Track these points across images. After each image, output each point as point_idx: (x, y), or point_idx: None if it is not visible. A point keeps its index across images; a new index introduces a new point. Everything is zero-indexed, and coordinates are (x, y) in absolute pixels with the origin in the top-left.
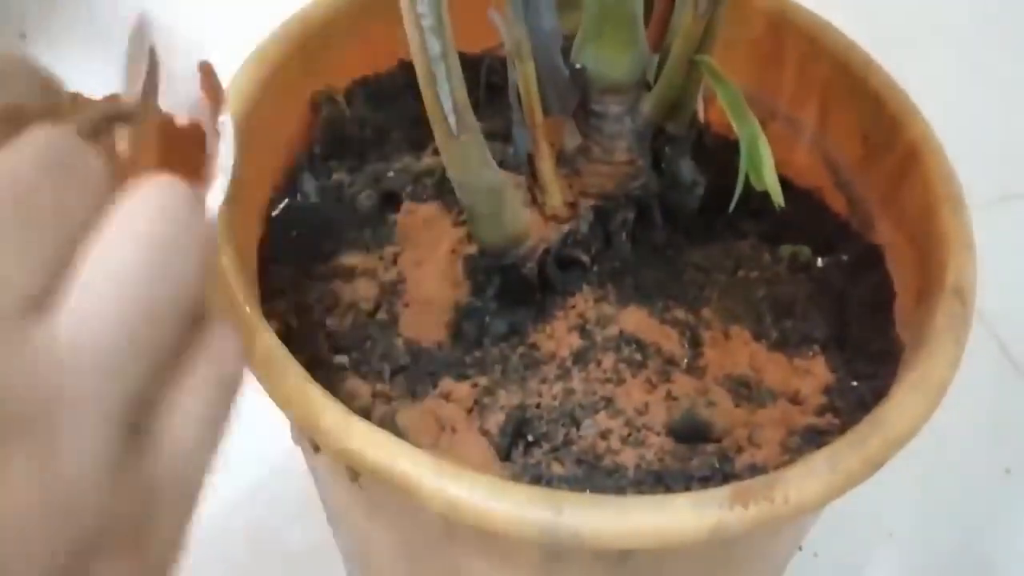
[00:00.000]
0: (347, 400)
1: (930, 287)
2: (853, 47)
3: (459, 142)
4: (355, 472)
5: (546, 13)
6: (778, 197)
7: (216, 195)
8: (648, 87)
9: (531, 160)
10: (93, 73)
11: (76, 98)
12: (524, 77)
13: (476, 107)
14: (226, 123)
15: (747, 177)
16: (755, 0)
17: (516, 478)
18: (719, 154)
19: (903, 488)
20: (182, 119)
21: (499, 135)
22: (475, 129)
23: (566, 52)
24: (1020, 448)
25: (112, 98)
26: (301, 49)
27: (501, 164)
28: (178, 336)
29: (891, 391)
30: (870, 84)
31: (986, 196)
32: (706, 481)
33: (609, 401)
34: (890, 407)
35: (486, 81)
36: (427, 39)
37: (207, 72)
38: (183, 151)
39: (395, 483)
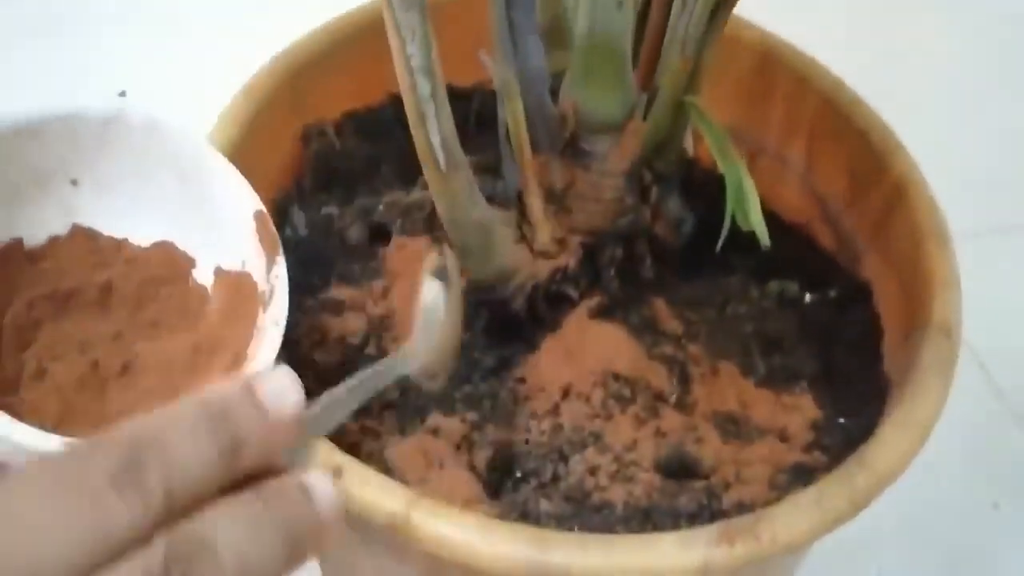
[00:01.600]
0: (335, 436)
1: (916, 323)
2: (840, 84)
3: (448, 180)
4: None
5: (534, 53)
6: (764, 238)
7: (270, 348)
8: None
9: (520, 197)
10: (141, 217)
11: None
12: (512, 116)
13: (466, 140)
14: (281, 276)
15: (734, 215)
16: (744, 38)
17: (504, 515)
18: (708, 189)
19: (892, 522)
20: (236, 267)
21: (489, 168)
22: (464, 166)
23: (555, 91)
24: (1008, 482)
25: (163, 246)
26: (291, 82)
27: (491, 198)
28: None
29: (878, 429)
30: (856, 120)
31: (978, 228)
32: (694, 518)
33: (597, 437)
34: (876, 446)
35: (477, 114)
36: (417, 79)
37: (262, 221)
38: (239, 301)
39: (382, 520)
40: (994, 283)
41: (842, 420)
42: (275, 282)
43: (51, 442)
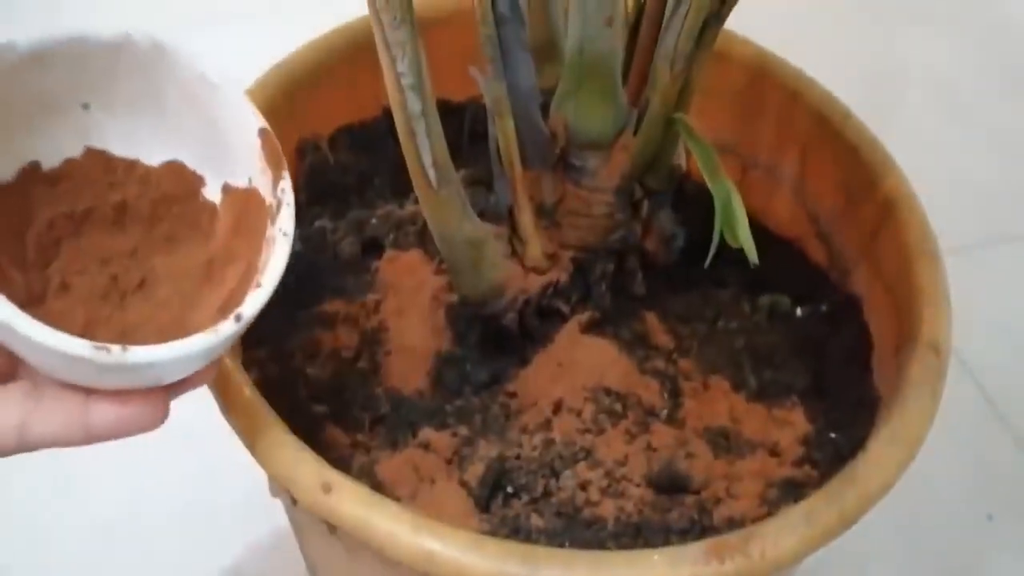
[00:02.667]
0: (325, 450)
1: (906, 339)
2: (832, 99)
3: (439, 196)
4: (333, 525)
5: (524, 70)
6: (752, 255)
7: (280, 259)
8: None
9: (511, 212)
10: (151, 139)
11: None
12: (503, 132)
13: (459, 154)
14: (286, 189)
15: (723, 232)
16: (736, 52)
17: (495, 530)
18: (699, 204)
19: (886, 534)
20: (243, 184)
21: (482, 182)
22: (455, 183)
23: (546, 107)
24: (1002, 494)
25: (173, 165)
26: (286, 96)
27: (483, 212)
28: None
29: (867, 444)
30: (848, 136)
31: (972, 240)
32: (685, 534)
33: (588, 452)
34: (866, 461)
35: (470, 128)
36: (407, 97)
37: (267, 139)
38: (248, 216)
39: (372, 537)
40: (986, 296)
41: (833, 435)
42: (281, 196)
43: (76, 345)
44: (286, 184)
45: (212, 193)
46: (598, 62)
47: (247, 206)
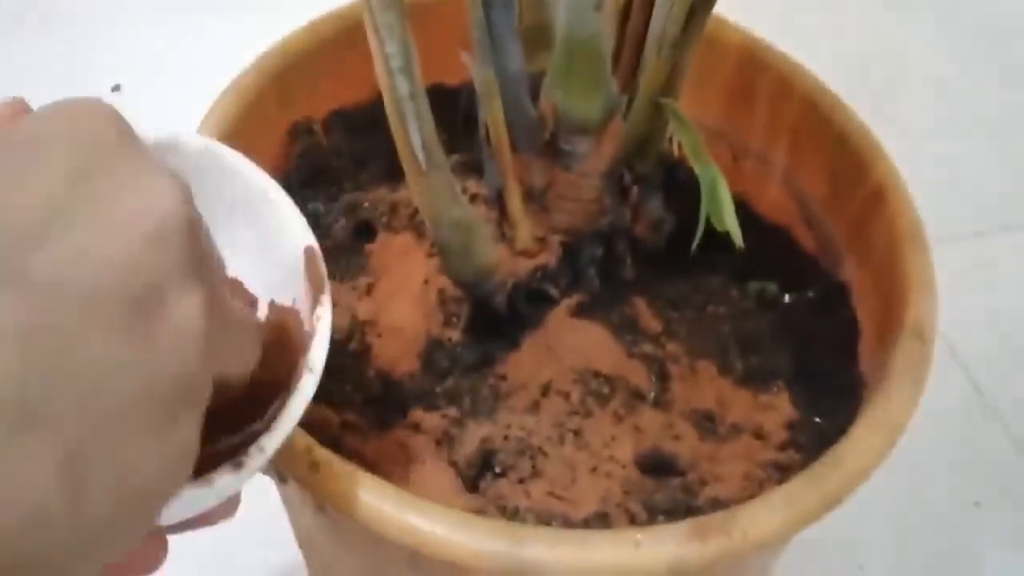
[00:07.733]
0: (316, 430)
1: (891, 326)
2: (822, 87)
3: (428, 178)
4: (320, 503)
5: (513, 54)
6: (738, 239)
7: (299, 404)
8: None
9: (501, 196)
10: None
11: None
12: (492, 116)
13: (454, 138)
14: (323, 317)
15: (709, 216)
16: (727, 39)
17: (482, 510)
18: (690, 189)
19: (874, 520)
20: (286, 300)
21: (476, 167)
22: (444, 166)
23: (536, 91)
24: (990, 481)
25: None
26: (279, 79)
27: (475, 197)
28: None
29: (850, 429)
30: (837, 124)
31: (965, 229)
32: (670, 514)
33: (576, 433)
34: (848, 445)
35: (464, 113)
36: (396, 79)
37: (311, 257)
38: (288, 339)
39: (359, 514)
40: (977, 286)
41: (817, 419)
42: (317, 324)
43: None
44: (323, 311)
45: (261, 310)
46: (587, 47)
47: (286, 329)
